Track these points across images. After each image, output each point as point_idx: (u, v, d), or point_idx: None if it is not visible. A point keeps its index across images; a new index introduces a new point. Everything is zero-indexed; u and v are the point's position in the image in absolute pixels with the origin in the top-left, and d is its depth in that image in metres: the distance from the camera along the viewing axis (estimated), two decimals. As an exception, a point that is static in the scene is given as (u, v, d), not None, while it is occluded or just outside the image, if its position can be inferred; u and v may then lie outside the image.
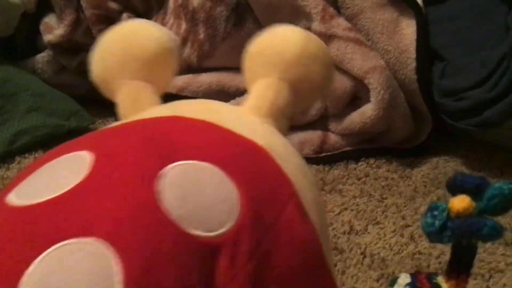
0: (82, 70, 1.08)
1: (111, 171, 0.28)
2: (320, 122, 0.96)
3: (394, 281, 0.37)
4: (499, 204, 0.33)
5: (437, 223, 0.33)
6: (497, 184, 0.33)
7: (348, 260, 0.67)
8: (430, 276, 0.36)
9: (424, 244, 0.70)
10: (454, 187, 0.34)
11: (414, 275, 0.36)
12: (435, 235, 0.33)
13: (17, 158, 0.90)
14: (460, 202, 0.33)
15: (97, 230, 0.25)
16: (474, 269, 0.65)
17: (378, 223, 0.75)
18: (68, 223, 0.26)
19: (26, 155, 0.92)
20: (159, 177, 0.28)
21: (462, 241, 0.33)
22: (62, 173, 0.29)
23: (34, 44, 1.08)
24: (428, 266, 0.66)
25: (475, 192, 0.34)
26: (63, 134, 0.97)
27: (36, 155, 0.92)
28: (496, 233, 0.31)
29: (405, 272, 0.37)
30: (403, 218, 0.76)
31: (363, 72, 0.89)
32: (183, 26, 1.00)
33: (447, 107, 0.87)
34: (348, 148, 0.94)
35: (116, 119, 1.11)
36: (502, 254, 0.68)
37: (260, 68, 0.43)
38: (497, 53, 0.81)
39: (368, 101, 0.90)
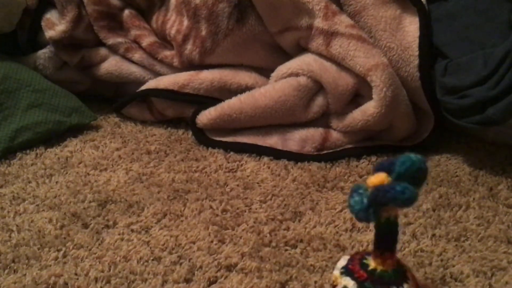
0: (84, 66, 1.08)
1: None
2: (322, 120, 0.96)
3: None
4: (409, 169, 0.34)
5: (365, 200, 0.34)
6: (405, 154, 0.35)
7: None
8: (363, 256, 0.37)
9: (425, 241, 0.70)
10: (375, 170, 0.36)
11: (351, 257, 0.37)
12: (363, 212, 0.34)
13: (19, 154, 0.90)
14: (376, 177, 0.35)
15: None
16: (476, 267, 0.65)
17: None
18: None
19: (28, 151, 0.92)
20: None
21: (381, 217, 0.34)
22: None
23: (35, 40, 1.08)
24: (430, 263, 0.65)
25: (391, 171, 0.35)
26: (65, 131, 0.97)
27: (38, 151, 0.92)
28: (408, 193, 0.32)
29: (346, 256, 0.38)
30: (405, 215, 0.76)
31: (365, 70, 0.88)
32: (185, 22, 1.00)
33: (450, 104, 0.86)
34: (350, 146, 0.94)
35: (118, 116, 1.11)
36: (504, 252, 0.68)
37: None
38: (500, 51, 0.81)
39: (370, 98, 0.90)
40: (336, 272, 0.37)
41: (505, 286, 0.63)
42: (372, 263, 0.36)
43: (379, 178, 0.34)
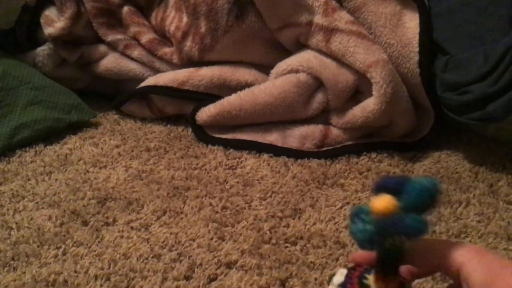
0: (83, 63, 1.08)
1: None
2: (322, 116, 0.96)
3: (331, 278, 0.36)
4: (419, 198, 0.31)
5: (368, 227, 0.32)
6: (417, 178, 0.32)
7: (350, 254, 0.67)
8: (362, 275, 0.35)
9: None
10: (378, 188, 0.33)
11: (348, 273, 0.35)
12: (367, 242, 0.32)
13: (18, 152, 0.90)
14: (381, 201, 0.31)
15: None
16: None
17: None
18: None
19: (27, 148, 0.91)
20: None
21: (385, 243, 0.32)
22: None
23: (34, 37, 1.08)
24: (431, 260, 0.65)
25: (398, 191, 0.32)
26: (64, 128, 0.97)
27: (37, 148, 0.91)
28: (418, 226, 0.30)
29: (343, 269, 0.36)
30: (405, 212, 0.75)
31: (365, 66, 0.88)
32: (184, 19, 1.00)
33: (450, 101, 0.86)
34: (350, 142, 0.94)
35: (117, 113, 1.11)
36: (505, 249, 0.68)
37: None
38: (500, 47, 0.81)
39: (370, 95, 0.90)
40: None
41: (506, 282, 0.62)
42: (372, 285, 0.34)
43: (383, 204, 0.31)
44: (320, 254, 0.67)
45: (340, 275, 0.35)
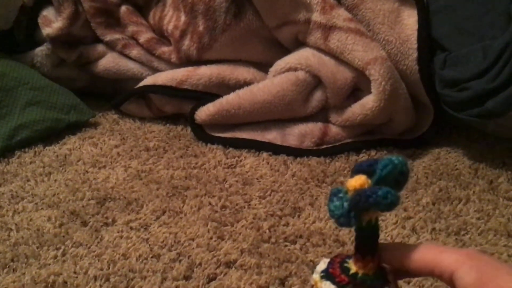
0: (81, 63, 1.07)
1: None
2: (321, 114, 0.96)
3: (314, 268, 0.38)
4: (391, 173, 0.33)
5: (345, 204, 0.33)
6: (387, 156, 0.34)
7: (350, 253, 0.66)
8: (344, 260, 0.36)
9: (425, 235, 0.70)
10: (353, 173, 0.35)
11: (331, 260, 0.37)
12: (344, 217, 0.33)
13: (17, 153, 0.90)
14: (356, 180, 0.33)
15: None
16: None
17: (379, 215, 0.74)
18: None
19: (26, 149, 0.91)
20: None
21: (362, 221, 0.33)
22: None
23: (32, 38, 1.08)
24: (430, 258, 0.65)
25: (371, 173, 0.34)
26: (63, 128, 0.97)
27: (36, 149, 0.91)
28: (390, 197, 0.32)
29: (326, 258, 0.37)
30: (405, 209, 0.75)
31: (364, 63, 0.88)
32: (182, 18, 0.99)
33: (449, 97, 0.86)
34: (349, 140, 0.94)
35: (116, 113, 1.11)
36: (505, 246, 0.68)
37: None
38: (499, 43, 0.81)
39: (369, 92, 0.90)
40: (316, 276, 0.37)
41: (506, 279, 0.62)
42: (353, 267, 0.35)
43: (359, 181, 0.33)
44: (319, 252, 0.66)
45: (323, 264, 0.37)
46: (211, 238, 0.69)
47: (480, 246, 0.68)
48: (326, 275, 0.36)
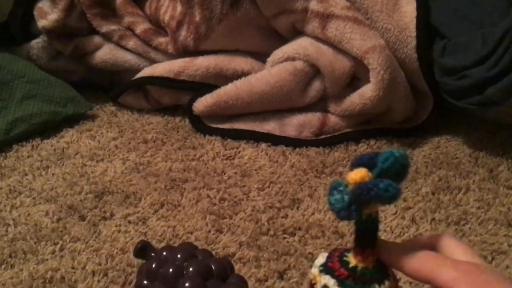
0: (78, 55, 1.07)
1: None
2: (320, 104, 0.95)
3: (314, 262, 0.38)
4: (392, 166, 0.33)
5: (346, 197, 0.33)
6: (389, 150, 0.34)
7: (349, 244, 0.66)
8: (343, 254, 0.36)
9: (425, 226, 0.70)
10: (353, 166, 0.35)
11: (330, 254, 0.36)
12: (345, 210, 0.33)
13: (14, 146, 0.90)
14: (357, 173, 0.33)
15: None
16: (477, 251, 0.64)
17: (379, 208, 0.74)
18: None
19: (24, 143, 0.91)
20: None
21: (362, 215, 0.33)
22: None
23: (28, 30, 1.07)
24: (430, 248, 0.65)
25: (371, 166, 0.34)
26: (60, 121, 0.97)
27: (34, 143, 0.91)
28: (391, 190, 0.31)
29: (324, 252, 0.37)
30: (404, 200, 0.75)
31: (362, 52, 0.87)
32: (179, 8, 0.98)
33: (448, 86, 0.85)
34: (348, 130, 0.93)
35: (114, 105, 1.10)
36: (505, 235, 0.68)
37: None
38: (499, 30, 0.79)
39: (367, 81, 0.89)
40: (315, 270, 0.36)
41: (506, 270, 0.62)
42: (352, 261, 0.35)
43: (359, 174, 0.33)
44: (318, 244, 0.66)
45: (322, 258, 0.37)
46: (209, 231, 0.69)
47: (480, 236, 0.68)
48: (325, 269, 0.36)
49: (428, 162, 0.85)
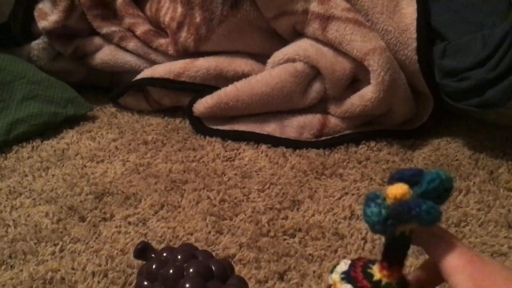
0: (78, 56, 1.07)
1: None
2: (320, 105, 0.95)
3: (334, 267, 0.37)
4: (436, 188, 0.32)
5: (383, 211, 0.32)
6: (434, 170, 0.33)
7: (349, 246, 0.66)
8: (366, 265, 0.35)
9: (425, 228, 0.70)
10: (393, 180, 0.34)
11: (353, 263, 0.36)
12: (381, 224, 0.32)
13: (15, 147, 0.90)
14: (398, 188, 0.32)
15: None
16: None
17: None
18: None
19: (24, 144, 0.91)
20: None
21: (396, 231, 0.33)
22: None
23: (29, 31, 1.07)
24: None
25: (412, 183, 0.33)
26: (61, 122, 0.97)
27: (34, 144, 0.91)
28: (433, 213, 0.31)
29: (346, 259, 0.37)
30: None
31: (362, 54, 0.87)
32: (179, 9, 0.98)
33: (449, 87, 0.85)
34: (348, 131, 0.93)
35: (114, 106, 1.10)
36: (505, 237, 0.68)
37: None
38: (499, 32, 0.80)
39: (368, 83, 0.89)
40: (336, 277, 0.36)
41: (506, 271, 0.62)
42: (377, 274, 0.34)
43: (401, 191, 0.32)
44: (318, 246, 0.66)
45: (344, 264, 0.36)
46: (209, 232, 0.69)
47: (480, 238, 0.68)
48: (347, 277, 0.35)
49: (428, 164, 0.85)
